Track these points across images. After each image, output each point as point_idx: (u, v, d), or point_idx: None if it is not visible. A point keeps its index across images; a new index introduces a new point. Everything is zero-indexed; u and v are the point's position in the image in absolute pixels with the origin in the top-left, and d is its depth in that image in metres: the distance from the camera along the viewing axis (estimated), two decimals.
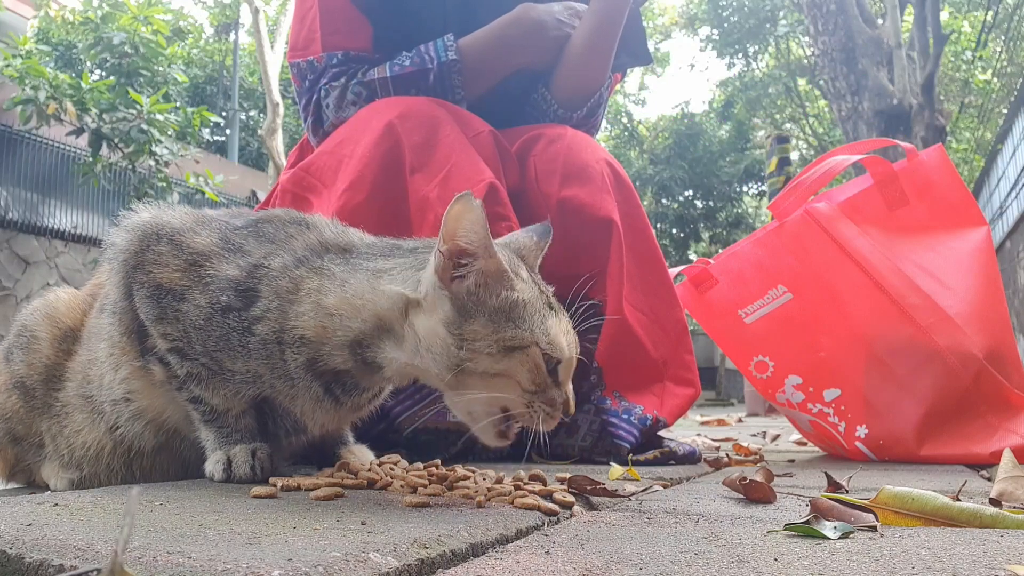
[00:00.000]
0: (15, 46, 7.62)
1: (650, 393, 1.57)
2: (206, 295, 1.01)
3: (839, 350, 1.67)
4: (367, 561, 0.58)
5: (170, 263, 1.03)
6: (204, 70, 16.35)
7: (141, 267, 1.05)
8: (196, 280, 1.02)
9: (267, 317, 0.98)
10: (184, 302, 1.02)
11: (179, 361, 1.05)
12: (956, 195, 1.76)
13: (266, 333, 0.99)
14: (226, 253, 1.03)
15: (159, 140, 7.53)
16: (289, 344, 0.98)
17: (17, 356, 1.26)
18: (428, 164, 1.44)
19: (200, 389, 1.05)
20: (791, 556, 0.65)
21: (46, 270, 9.15)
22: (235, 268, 1.01)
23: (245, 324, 0.99)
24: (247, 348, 1.00)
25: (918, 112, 7.87)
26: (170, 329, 1.04)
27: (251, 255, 1.02)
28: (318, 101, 1.62)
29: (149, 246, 1.05)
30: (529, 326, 0.90)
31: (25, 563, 0.59)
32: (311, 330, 0.97)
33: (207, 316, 1.01)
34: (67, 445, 1.22)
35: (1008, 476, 1.00)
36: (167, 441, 1.17)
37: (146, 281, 1.04)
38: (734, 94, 17.49)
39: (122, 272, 1.07)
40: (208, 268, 1.02)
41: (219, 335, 1.00)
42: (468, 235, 0.88)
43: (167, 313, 1.03)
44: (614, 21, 1.68)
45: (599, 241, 1.54)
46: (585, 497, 0.99)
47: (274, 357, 0.99)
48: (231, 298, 1.00)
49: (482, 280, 0.90)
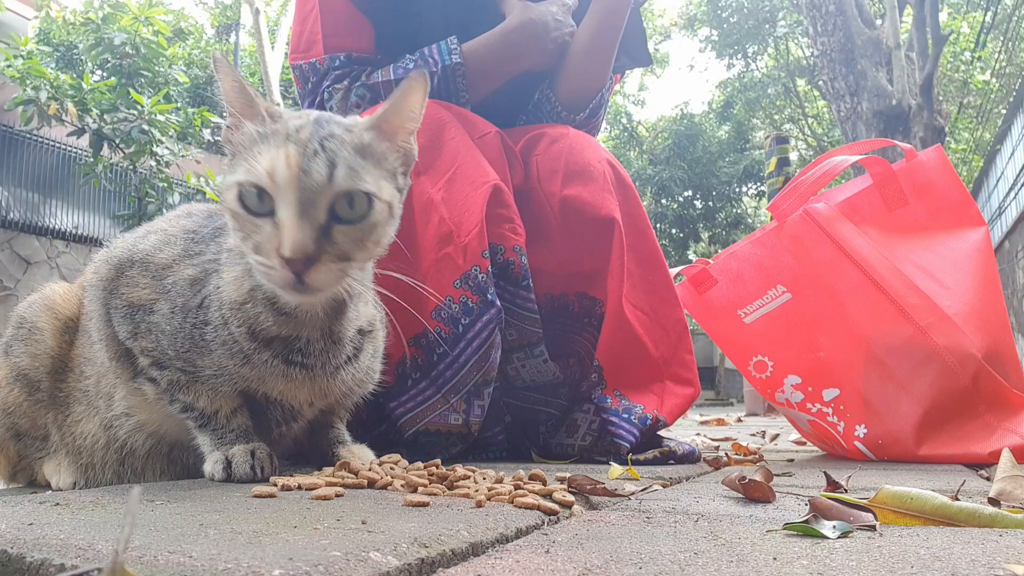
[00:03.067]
0: (16, 47, 7.62)
1: (650, 392, 1.57)
2: (169, 301, 1.06)
3: (838, 350, 1.67)
4: (367, 560, 0.58)
5: (140, 282, 1.08)
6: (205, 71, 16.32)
7: (115, 292, 1.10)
8: (161, 291, 1.07)
9: (209, 297, 1.03)
10: (152, 313, 1.07)
11: (160, 373, 1.09)
12: (955, 195, 1.76)
13: (215, 318, 1.02)
14: (186, 259, 1.08)
15: (160, 141, 7.53)
16: (230, 318, 1.02)
17: (18, 348, 1.27)
18: (433, 166, 1.44)
19: (184, 395, 1.09)
20: (790, 555, 0.65)
21: (47, 270, 9.14)
22: (191, 268, 1.06)
23: (200, 317, 1.04)
24: (206, 340, 1.04)
25: (917, 112, 7.87)
26: (145, 343, 1.08)
27: (206, 255, 1.07)
28: (321, 104, 1.62)
29: (123, 272, 1.10)
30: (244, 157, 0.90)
31: (26, 562, 0.59)
32: (233, 290, 1.01)
33: (170, 319, 1.05)
34: (71, 434, 1.25)
35: (1007, 476, 1.00)
36: (169, 451, 1.21)
37: (119, 304, 1.09)
38: (733, 95, 17.49)
39: (101, 300, 1.12)
40: (170, 276, 1.07)
41: (184, 335, 1.04)
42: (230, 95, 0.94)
43: (139, 327, 1.08)
44: (615, 21, 1.68)
45: (600, 240, 1.55)
46: (585, 496, 0.99)
47: (228, 343, 1.02)
48: (188, 296, 1.04)
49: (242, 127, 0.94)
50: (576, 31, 1.71)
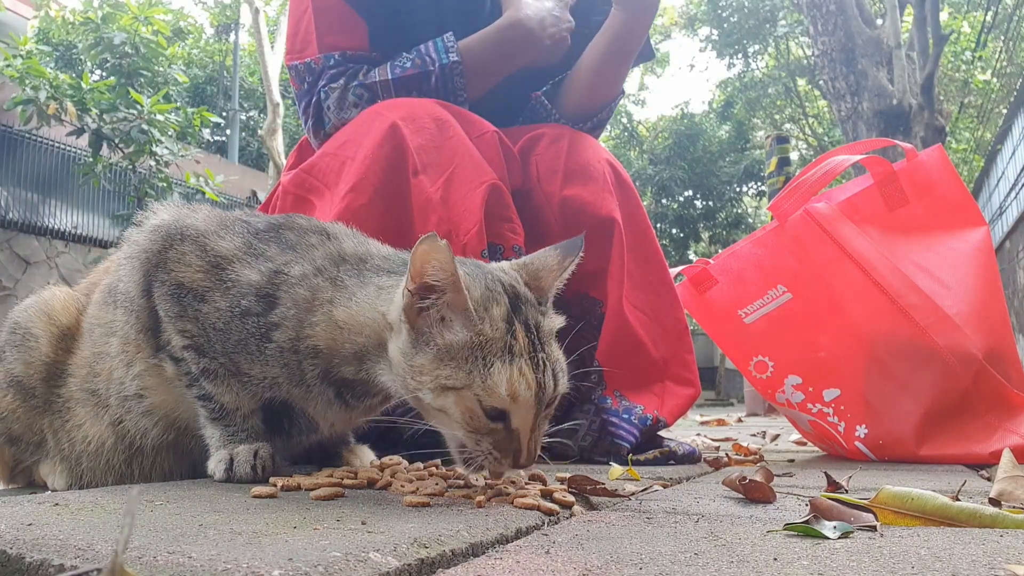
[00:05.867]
0: (15, 46, 7.61)
1: (650, 393, 1.57)
2: (227, 298, 1.03)
3: (839, 350, 1.67)
4: (367, 561, 0.58)
5: (193, 263, 1.05)
6: (204, 70, 16.34)
7: (163, 265, 1.07)
8: (218, 282, 1.04)
9: (284, 324, 1.01)
10: (204, 303, 1.04)
11: (195, 358, 1.06)
12: (955, 195, 1.76)
13: (283, 340, 1.01)
14: (248, 258, 1.05)
15: (159, 140, 7.52)
16: (305, 354, 1.00)
17: (11, 355, 1.26)
18: (432, 165, 1.44)
19: (213, 386, 1.07)
20: (791, 556, 0.65)
21: (46, 270, 9.14)
22: (256, 273, 1.03)
23: (263, 330, 1.01)
24: (264, 354, 1.02)
25: (918, 112, 7.86)
26: (189, 327, 1.05)
27: (272, 261, 1.04)
28: (318, 103, 1.62)
29: (172, 245, 1.07)
30: (468, 368, 0.88)
31: (25, 563, 0.59)
32: (323, 341, 0.99)
33: (227, 319, 1.03)
34: (68, 440, 1.23)
35: (1007, 476, 1.00)
36: (175, 439, 1.18)
37: (168, 280, 1.06)
38: (734, 94, 17.48)
39: (143, 270, 1.09)
40: (230, 272, 1.04)
41: (238, 339, 1.03)
42: (435, 274, 0.88)
43: (187, 311, 1.05)
44: (636, 35, 1.67)
45: (601, 240, 1.54)
46: (585, 497, 0.99)
47: (291, 366, 1.02)
48: (251, 302, 1.02)
49: (443, 314, 0.90)
50: (590, 43, 1.70)
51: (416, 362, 0.90)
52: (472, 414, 0.88)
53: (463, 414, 0.88)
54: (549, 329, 0.96)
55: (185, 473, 1.20)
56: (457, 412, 0.89)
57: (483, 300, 0.90)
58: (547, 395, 0.90)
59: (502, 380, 0.87)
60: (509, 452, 0.89)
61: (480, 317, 0.89)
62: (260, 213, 1.18)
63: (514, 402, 0.88)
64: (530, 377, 0.88)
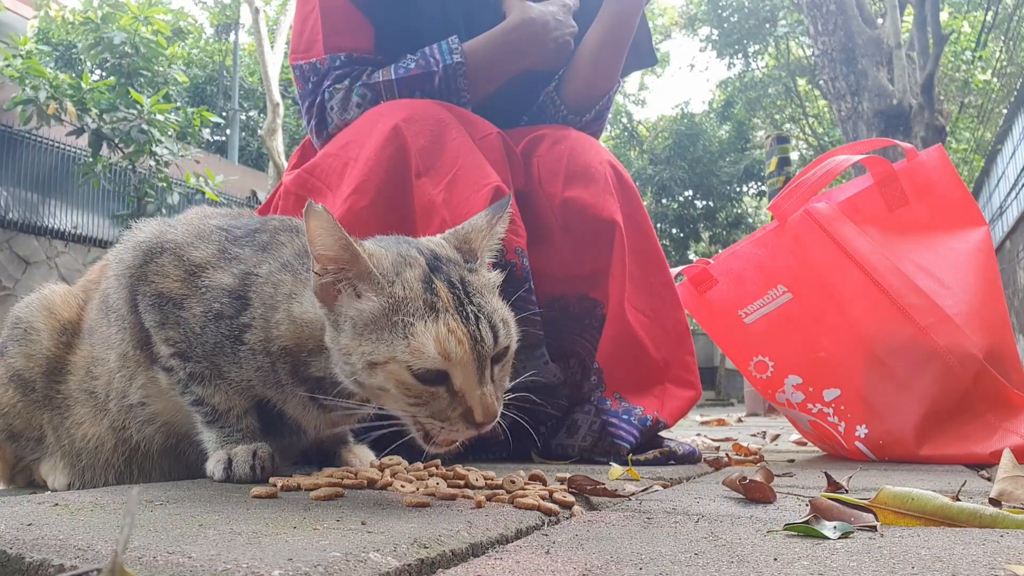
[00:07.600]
0: (15, 46, 7.61)
1: (651, 394, 1.57)
2: (202, 303, 1.04)
3: (839, 350, 1.67)
4: (367, 561, 0.58)
5: (171, 273, 1.07)
6: (204, 70, 16.33)
7: (144, 278, 1.08)
8: (193, 289, 1.05)
9: (254, 325, 1.01)
10: (183, 310, 1.06)
11: (182, 364, 1.07)
12: (956, 195, 1.76)
13: (255, 343, 1.01)
14: (222, 263, 1.06)
15: (159, 140, 7.52)
16: (277, 356, 1.01)
17: (13, 349, 1.27)
18: (434, 167, 1.44)
19: (202, 389, 1.08)
20: (791, 556, 0.65)
21: (46, 270, 9.14)
22: (229, 276, 1.04)
23: (236, 332, 1.02)
24: (238, 356, 1.03)
25: (918, 112, 7.86)
26: (172, 333, 1.07)
27: (245, 263, 1.04)
28: (322, 103, 1.62)
29: (152, 259, 1.09)
30: (390, 338, 0.84)
31: (25, 563, 0.59)
32: (289, 340, 1.00)
33: (202, 323, 1.04)
34: (68, 436, 1.24)
35: (1008, 476, 1.00)
36: (176, 444, 1.20)
37: (148, 291, 1.08)
38: (734, 94, 17.48)
39: (128, 286, 1.11)
40: (204, 278, 1.05)
41: (214, 342, 1.04)
42: (324, 240, 0.85)
43: (168, 319, 1.07)
44: (627, 25, 1.68)
45: (602, 242, 1.54)
46: (585, 497, 0.99)
47: (264, 368, 1.02)
48: (224, 305, 1.03)
49: (355, 286, 0.87)
50: (585, 34, 1.71)
51: (341, 343, 0.88)
52: (407, 385, 0.85)
53: (398, 387, 0.85)
54: (480, 284, 0.91)
55: (185, 474, 1.20)
56: (392, 386, 0.86)
57: (394, 265, 0.88)
58: (486, 347, 0.86)
59: (428, 339, 0.83)
60: (459, 416, 0.86)
61: (389, 280, 0.86)
62: (249, 217, 1.18)
63: (448, 360, 0.83)
64: (460, 331, 0.84)
